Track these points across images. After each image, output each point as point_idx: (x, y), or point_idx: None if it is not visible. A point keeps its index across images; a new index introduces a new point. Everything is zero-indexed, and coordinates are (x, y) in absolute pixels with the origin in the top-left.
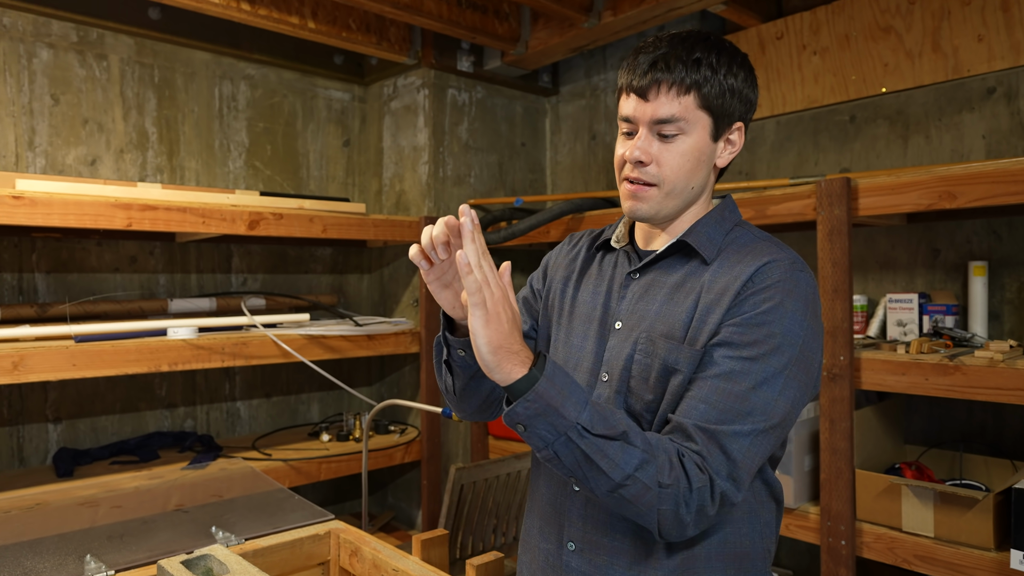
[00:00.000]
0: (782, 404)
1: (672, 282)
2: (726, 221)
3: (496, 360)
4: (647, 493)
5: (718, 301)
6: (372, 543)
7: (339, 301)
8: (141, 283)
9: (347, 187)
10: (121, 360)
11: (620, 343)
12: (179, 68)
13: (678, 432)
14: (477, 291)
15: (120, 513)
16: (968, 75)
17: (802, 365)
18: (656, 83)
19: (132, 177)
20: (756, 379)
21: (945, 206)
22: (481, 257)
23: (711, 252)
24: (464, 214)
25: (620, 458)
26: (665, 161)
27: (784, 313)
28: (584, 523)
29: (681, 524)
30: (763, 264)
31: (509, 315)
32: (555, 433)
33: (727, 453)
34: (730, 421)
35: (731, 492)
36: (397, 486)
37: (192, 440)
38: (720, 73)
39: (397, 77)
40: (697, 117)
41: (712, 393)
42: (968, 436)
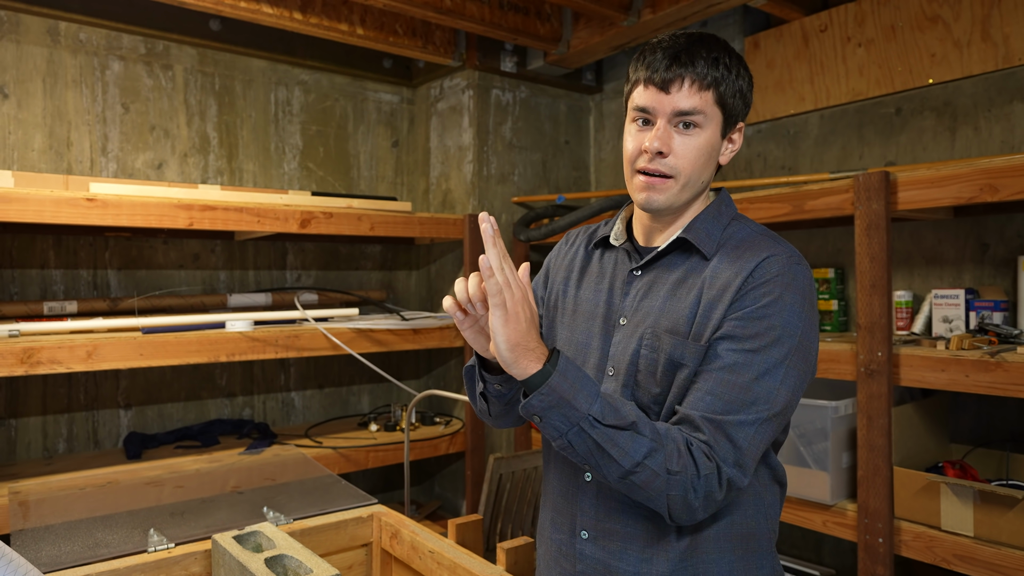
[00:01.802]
0: (783, 393)
1: (674, 278)
2: (723, 215)
3: (514, 357)
4: (656, 479)
5: (720, 297)
6: (411, 526)
7: (388, 297)
8: (203, 279)
9: (396, 186)
10: (183, 351)
11: (626, 339)
12: (238, 76)
13: (686, 423)
14: (498, 292)
15: (182, 493)
16: (1019, 64)
17: (801, 354)
18: (680, 76)
19: (195, 179)
20: (758, 370)
21: (987, 199)
22: (502, 260)
23: (710, 248)
24: (484, 220)
25: (630, 447)
26: (682, 153)
27: (783, 306)
28: (596, 512)
29: (690, 509)
30: (763, 259)
31: (527, 314)
32: (568, 424)
33: (733, 441)
34: (735, 411)
35: (737, 478)
36: (443, 476)
37: (249, 427)
38: (733, 73)
39: (443, 79)
40: (714, 113)
41: (717, 385)
42: (1017, 435)
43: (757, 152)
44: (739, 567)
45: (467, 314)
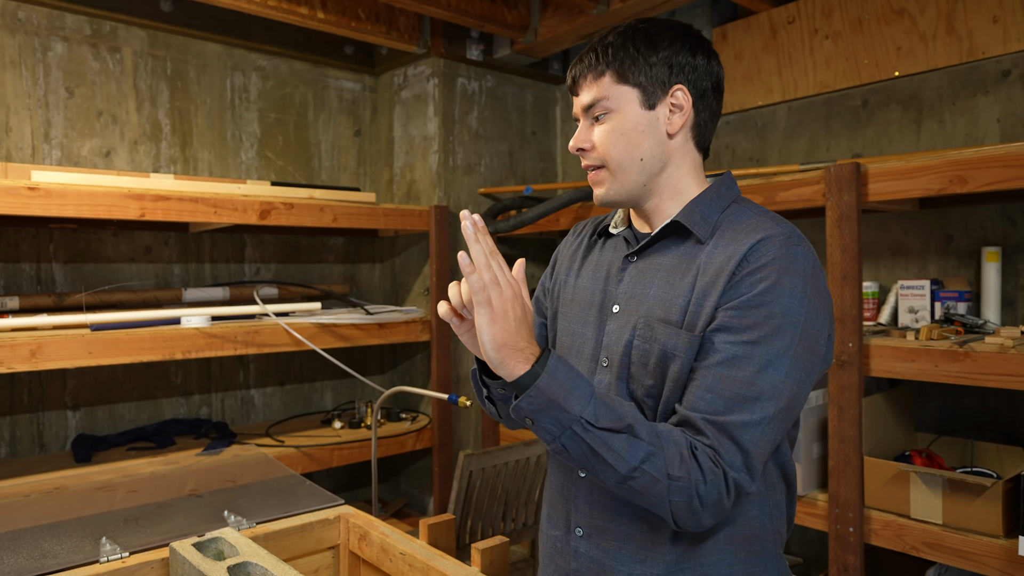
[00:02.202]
0: (789, 386)
1: (668, 264)
2: (722, 198)
3: (500, 357)
4: (656, 485)
5: (713, 283)
6: (380, 527)
7: (351, 290)
8: (156, 273)
9: (358, 177)
10: (136, 348)
11: (619, 328)
12: (191, 60)
13: (687, 425)
14: (481, 290)
15: (136, 497)
16: (983, 58)
17: (806, 343)
18: (577, 76)
19: (146, 168)
20: (760, 363)
21: (956, 191)
22: (489, 257)
23: (705, 231)
24: (465, 218)
25: (625, 451)
26: (600, 141)
27: (782, 292)
28: (591, 508)
29: (695, 515)
30: (757, 241)
31: (518, 313)
32: (560, 427)
33: (739, 444)
34: (738, 410)
35: (745, 483)
36: (409, 473)
37: (207, 427)
38: (633, 49)
39: (407, 67)
40: (619, 93)
41: (716, 381)
42: (980, 423)
43: (725, 143)
44: (740, 570)
45: (463, 319)
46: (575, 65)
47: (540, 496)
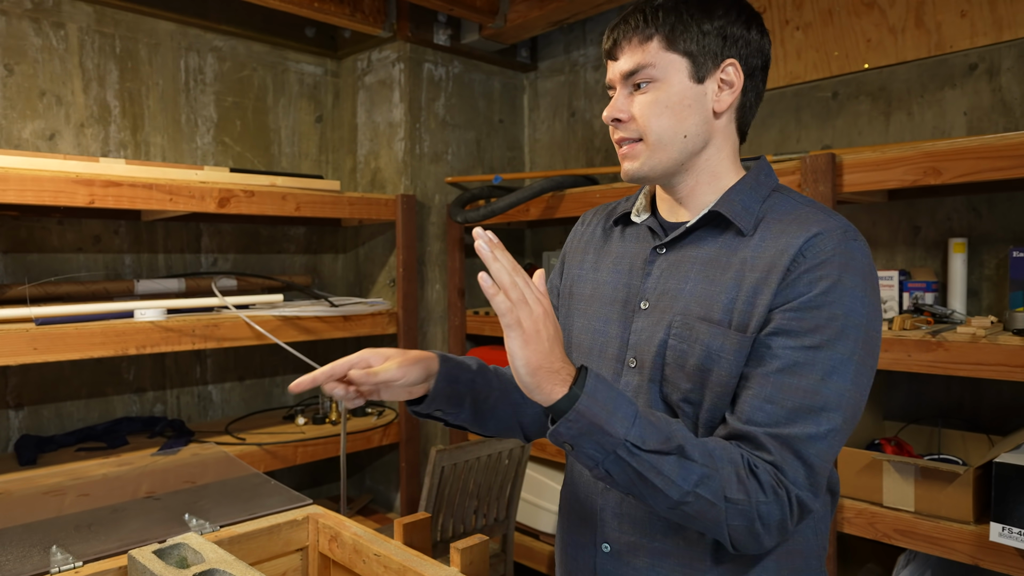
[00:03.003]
0: (854, 394)
1: (704, 257)
2: (762, 186)
3: (535, 381)
4: (712, 509)
5: (765, 280)
6: (352, 528)
7: (313, 282)
8: (105, 263)
9: (320, 164)
10: (86, 343)
11: (650, 326)
12: (142, 39)
13: (746, 440)
14: (509, 311)
15: (88, 501)
16: (951, 51)
17: (868, 347)
18: (619, 39)
19: (94, 153)
20: (824, 370)
21: (931, 182)
22: (513, 274)
23: (748, 222)
24: (479, 236)
25: (677, 474)
26: (640, 112)
27: (844, 291)
28: (620, 522)
29: (756, 538)
30: (812, 235)
31: (551, 331)
32: (603, 452)
33: (804, 460)
34: (802, 422)
35: (809, 501)
36: (375, 468)
37: (162, 425)
38: (687, 14)
39: (371, 51)
40: (667, 60)
41: (777, 391)
42: (946, 412)
43: None
44: None
45: (349, 388)
46: (617, 26)
47: (512, 491)
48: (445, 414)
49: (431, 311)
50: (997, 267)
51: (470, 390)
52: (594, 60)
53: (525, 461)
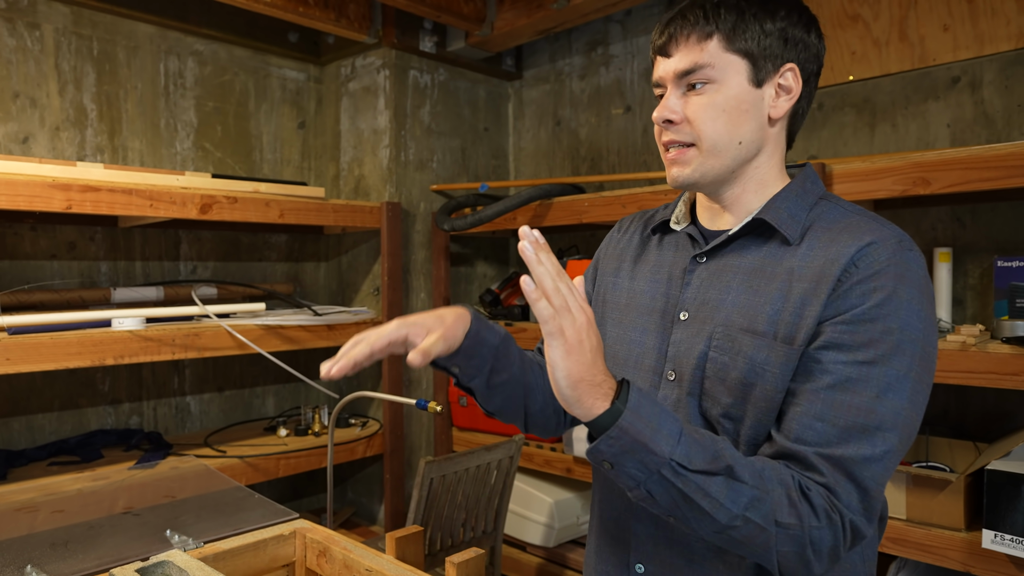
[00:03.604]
0: (911, 413)
1: (748, 267)
2: (808, 194)
3: (576, 395)
4: (761, 534)
5: (814, 290)
6: (342, 542)
7: (295, 290)
8: (81, 271)
9: (303, 171)
10: (61, 353)
11: (690, 337)
12: (120, 41)
13: (796, 460)
14: (552, 318)
15: (62, 518)
16: (934, 64)
17: (925, 364)
18: (675, 36)
19: (69, 157)
20: (879, 387)
21: (919, 192)
22: (557, 280)
23: (794, 231)
24: (525, 236)
25: (725, 496)
26: (696, 115)
27: (899, 304)
28: (656, 543)
29: (807, 566)
30: (865, 245)
31: (594, 342)
32: (646, 471)
33: (859, 484)
34: (856, 442)
35: (863, 526)
36: (357, 481)
37: (139, 438)
38: (749, 13)
39: (355, 57)
40: (727, 61)
41: (828, 408)
42: (932, 419)
43: None
44: None
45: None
46: (673, 20)
47: (500, 502)
48: (461, 373)
49: None
50: (981, 276)
51: (492, 356)
52: (579, 69)
53: (514, 472)
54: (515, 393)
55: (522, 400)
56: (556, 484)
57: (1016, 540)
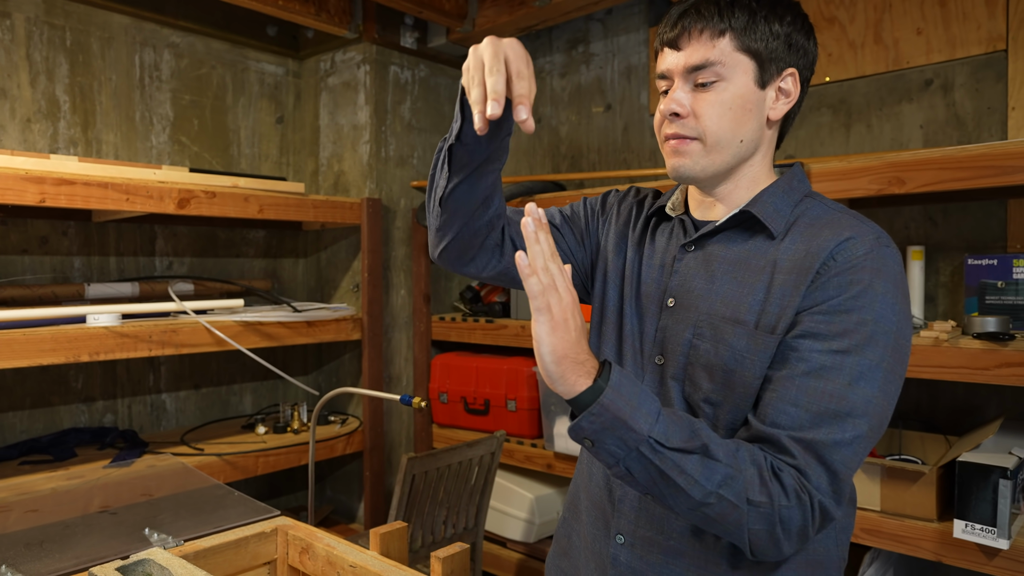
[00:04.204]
0: (882, 402)
1: (733, 258)
2: (794, 191)
3: (560, 371)
4: (734, 511)
5: (794, 282)
6: (325, 539)
7: (273, 286)
8: (53, 266)
9: (281, 166)
10: (35, 350)
11: (675, 324)
12: (94, 32)
13: (769, 442)
14: (541, 294)
15: (36, 517)
16: (908, 67)
17: (898, 355)
18: (687, 30)
19: (41, 149)
20: (851, 375)
21: (895, 191)
22: (549, 260)
23: (779, 225)
24: (531, 214)
25: (700, 474)
26: (703, 111)
27: (875, 297)
28: (637, 516)
29: (776, 544)
30: (844, 240)
31: (577, 322)
32: (625, 448)
33: (829, 466)
34: (827, 427)
35: (832, 508)
36: (336, 478)
37: (113, 436)
38: (760, 15)
39: (335, 52)
40: (736, 60)
41: (802, 394)
42: (904, 413)
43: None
44: None
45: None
46: (687, 14)
47: (481, 499)
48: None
49: (396, 317)
50: (952, 274)
51: (500, 148)
52: (560, 67)
53: (495, 468)
54: (480, 196)
55: (477, 207)
56: (537, 480)
57: (985, 529)
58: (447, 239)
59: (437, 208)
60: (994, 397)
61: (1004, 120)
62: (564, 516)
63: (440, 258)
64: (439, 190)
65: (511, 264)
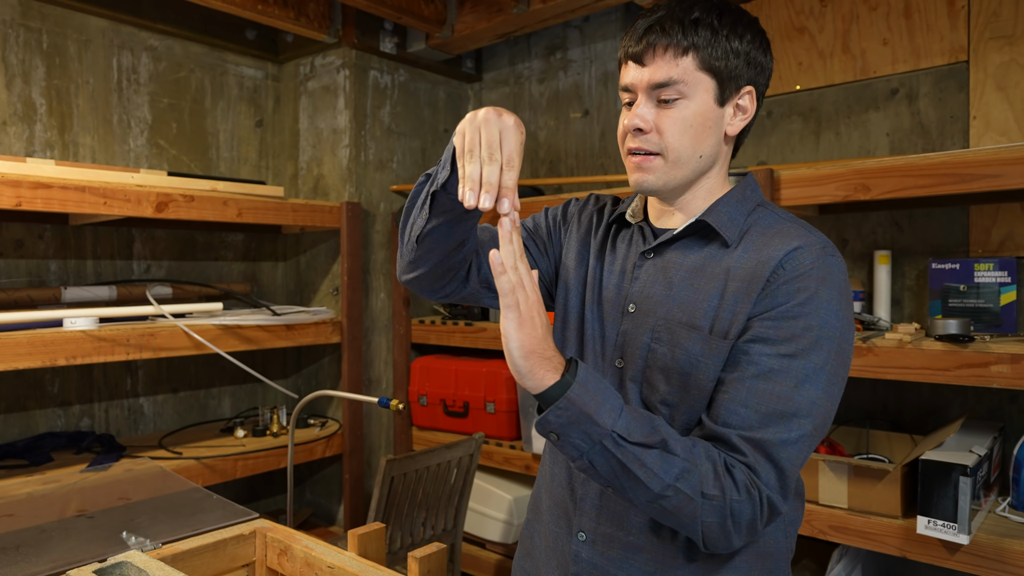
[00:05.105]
0: (825, 403)
1: (690, 265)
2: (748, 200)
3: (528, 365)
4: (689, 504)
5: (746, 289)
6: (303, 540)
7: (252, 290)
8: (29, 269)
9: (260, 170)
10: (10, 354)
11: (635, 328)
12: (71, 35)
13: (720, 442)
14: (510, 292)
15: (12, 522)
16: (874, 76)
17: (841, 359)
18: (652, 46)
19: (17, 152)
20: (797, 377)
21: (860, 197)
22: (518, 260)
23: (733, 234)
24: (507, 212)
25: (659, 467)
26: (666, 128)
27: (820, 304)
28: (598, 514)
29: (727, 536)
30: (793, 249)
31: (543, 320)
32: (590, 442)
33: (776, 464)
34: (775, 427)
35: (779, 503)
36: (315, 481)
37: (90, 440)
38: (722, 34)
39: (315, 56)
40: (698, 79)
41: (752, 395)
42: (872, 413)
43: None
44: None
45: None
46: (652, 30)
47: (460, 500)
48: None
49: (376, 320)
50: (917, 277)
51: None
52: (538, 73)
53: (474, 470)
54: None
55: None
56: (515, 481)
57: (947, 525)
58: (419, 272)
59: (413, 243)
60: (958, 397)
61: (966, 129)
62: (527, 518)
63: (407, 284)
64: (416, 228)
65: (475, 289)
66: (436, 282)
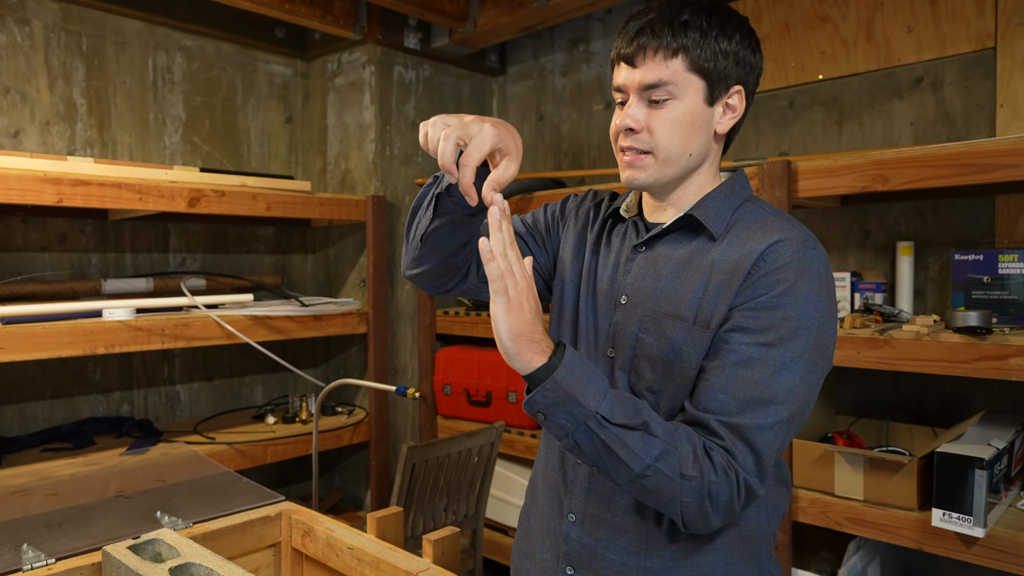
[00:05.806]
0: (802, 390)
1: (678, 258)
2: (736, 196)
3: (516, 348)
4: (669, 484)
5: (728, 281)
6: (325, 523)
7: (283, 282)
8: (71, 263)
9: (290, 165)
10: (53, 343)
11: (625, 319)
12: (109, 37)
13: (700, 426)
14: (499, 278)
15: (56, 501)
16: (898, 64)
17: (819, 348)
18: (642, 48)
19: (60, 151)
20: (775, 366)
21: (878, 188)
22: (507, 247)
23: (719, 228)
24: (496, 202)
25: (640, 448)
26: (657, 128)
27: (799, 295)
28: (587, 496)
29: (705, 516)
30: (774, 242)
31: (532, 305)
32: (574, 422)
33: (753, 448)
34: (752, 412)
35: (756, 486)
36: (344, 468)
37: (129, 425)
38: (711, 35)
39: (341, 53)
40: (687, 80)
41: (731, 382)
42: (894, 406)
43: None
44: (736, 571)
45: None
46: (642, 32)
47: (481, 487)
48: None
49: (401, 311)
50: (940, 269)
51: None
52: (561, 66)
53: (494, 458)
54: (461, 239)
55: (457, 248)
56: None
57: (962, 518)
58: (421, 269)
59: (417, 242)
60: (981, 390)
61: (992, 117)
62: (525, 502)
63: (410, 279)
64: (421, 227)
65: (474, 284)
66: (437, 279)
